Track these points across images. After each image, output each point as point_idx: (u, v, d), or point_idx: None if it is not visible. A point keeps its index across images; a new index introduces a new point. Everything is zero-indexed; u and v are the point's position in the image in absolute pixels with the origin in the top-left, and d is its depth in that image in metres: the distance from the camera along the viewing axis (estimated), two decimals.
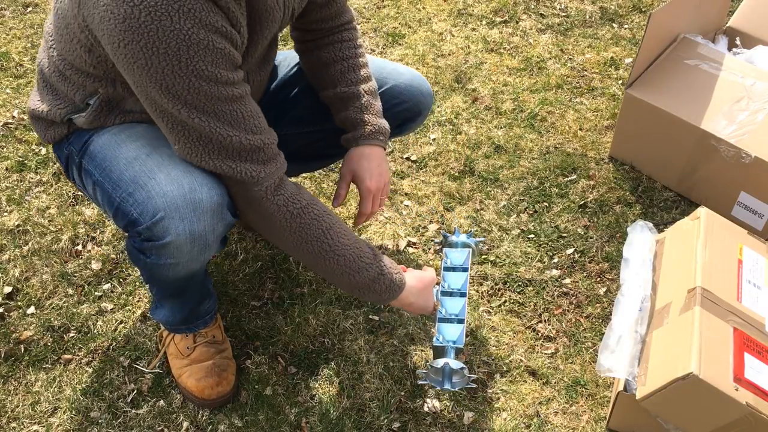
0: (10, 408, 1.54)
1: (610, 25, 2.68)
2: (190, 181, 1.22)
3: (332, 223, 1.35)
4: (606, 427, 1.54)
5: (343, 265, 1.35)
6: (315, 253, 1.34)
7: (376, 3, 2.75)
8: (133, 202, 1.24)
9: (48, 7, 2.63)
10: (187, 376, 1.54)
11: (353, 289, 1.40)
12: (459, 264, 1.59)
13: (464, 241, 1.64)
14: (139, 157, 1.27)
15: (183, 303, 1.49)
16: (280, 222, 1.30)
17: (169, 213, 1.21)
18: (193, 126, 1.18)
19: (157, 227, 1.22)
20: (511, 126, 2.26)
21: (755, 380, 1.33)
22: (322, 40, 1.53)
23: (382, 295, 1.41)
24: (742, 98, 1.94)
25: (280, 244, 1.37)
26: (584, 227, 1.96)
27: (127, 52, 1.11)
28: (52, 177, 2.02)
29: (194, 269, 1.35)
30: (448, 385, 1.47)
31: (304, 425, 1.53)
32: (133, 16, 1.07)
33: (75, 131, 1.37)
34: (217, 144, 1.20)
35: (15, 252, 1.82)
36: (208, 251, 1.31)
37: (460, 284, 1.56)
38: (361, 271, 1.37)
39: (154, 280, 1.41)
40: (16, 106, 2.23)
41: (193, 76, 1.13)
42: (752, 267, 1.57)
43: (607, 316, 1.74)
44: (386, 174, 1.54)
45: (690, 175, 1.99)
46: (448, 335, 1.49)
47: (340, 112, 1.53)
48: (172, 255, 1.27)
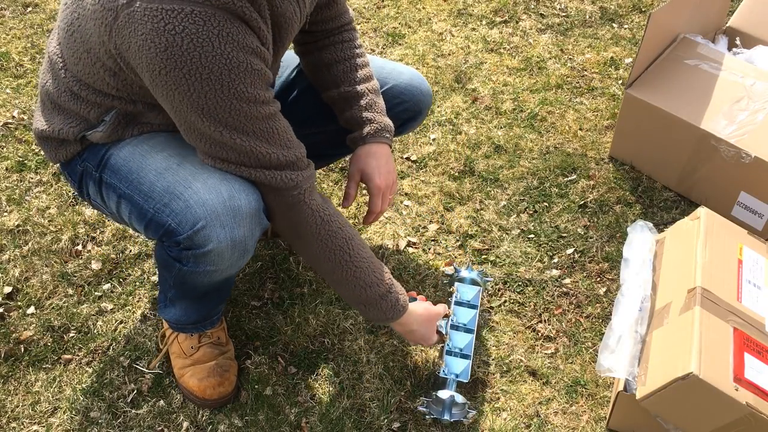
0: (10, 408, 1.54)
1: (610, 25, 2.68)
2: (228, 188, 1.24)
3: (353, 234, 1.39)
4: (606, 427, 1.54)
5: (358, 277, 1.38)
6: (335, 262, 1.36)
7: (376, 3, 2.75)
8: (170, 212, 1.25)
9: (48, 8, 2.63)
10: (189, 376, 1.54)
11: (360, 302, 1.42)
12: (467, 300, 1.66)
13: (473, 278, 1.71)
14: (170, 167, 1.28)
15: (202, 305, 1.49)
16: (311, 227, 1.33)
17: (210, 221, 1.23)
18: (234, 146, 1.21)
19: (198, 236, 1.23)
20: (511, 126, 2.26)
21: (755, 380, 1.33)
22: (322, 41, 1.54)
23: (386, 312, 1.43)
24: (742, 98, 1.94)
25: (304, 251, 1.39)
26: (584, 227, 1.96)
27: (168, 79, 1.12)
28: (52, 177, 2.02)
29: (231, 274, 1.37)
30: (447, 416, 1.50)
31: (304, 425, 1.53)
32: (176, 44, 1.09)
33: (87, 147, 1.36)
34: (256, 160, 1.24)
35: (15, 252, 1.82)
36: (246, 256, 1.32)
37: (468, 320, 1.62)
38: (372, 285, 1.39)
39: (184, 286, 1.40)
40: (16, 106, 2.23)
41: (234, 98, 1.16)
42: (752, 267, 1.57)
43: (607, 316, 1.74)
44: (394, 171, 1.55)
45: (690, 175, 1.99)
46: (453, 368, 1.55)
47: (345, 112, 1.54)
48: (213, 262, 1.28)
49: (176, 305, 1.49)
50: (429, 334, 1.53)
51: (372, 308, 1.42)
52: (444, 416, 1.50)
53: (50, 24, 2.56)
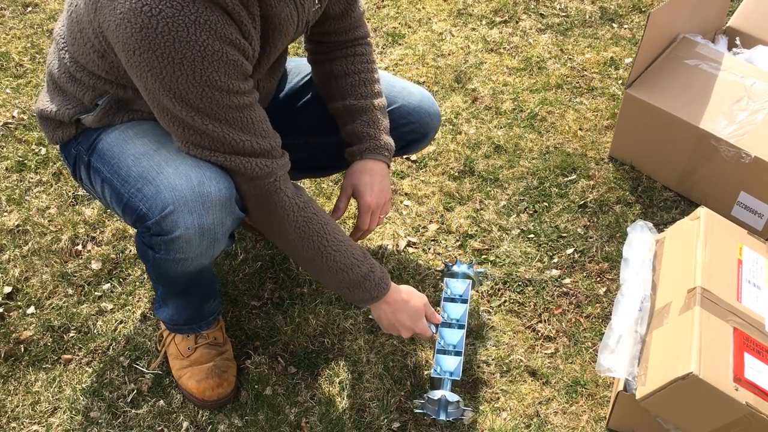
0: (10, 408, 1.54)
1: (609, 25, 2.68)
2: (198, 174, 1.23)
3: (328, 220, 1.37)
4: (606, 427, 1.54)
5: (338, 261, 1.37)
6: (314, 249, 1.35)
7: (376, 3, 2.75)
8: (142, 197, 1.25)
9: (48, 8, 2.63)
10: (188, 377, 1.54)
11: (344, 286, 1.41)
12: (458, 294, 1.61)
13: (465, 272, 1.67)
14: (147, 152, 1.28)
15: (188, 301, 1.49)
16: (288, 215, 1.32)
17: (178, 207, 1.22)
18: (206, 131, 1.21)
19: (166, 221, 1.23)
20: (511, 126, 2.26)
21: (755, 380, 1.33)
22: (335, 52, 1.53)
23: (371, 291, 1.41)
24: (742, 98, 1.94)
25: (281, 242, 1.38)
26: (584, 227, 1.96)
27: (141, 60, 1.13)
28: (52, 177, 2.02)
29: (203, 264, 1.35)
30: (443, 415, 1.49)
31: (304, 425, 1.53)
32: (150, 26, 1.09)
33: (83, 131, 1.37)
34: (229, 146, 1.23)
35: (15, 252, 1.82)
36: (217, 245, 1.31)
37: (459, 315, 1.58)
38: (353, 267, 1.38)
39: (162, 277, 1.41)
40: (16, 106, 2.23)
41: (206, 86, 1.15)
42: (752, 267, 1.57)
43: (607, 316, 1.74)
44: (388, 191, 1.54)
45: (690, 175, 1.99)
46: (445, 366, 1.52)
47: (347, 125, 1.52)
48: (181, 249, 1.27)
49: (168, 304, 1.50)
50: (417, 314, 1.49)
51: (357, 290, 1.41)
52: (440, 416, 1.49)
53: (50, 24, 2.56)
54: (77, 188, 1.98)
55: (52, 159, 2.06)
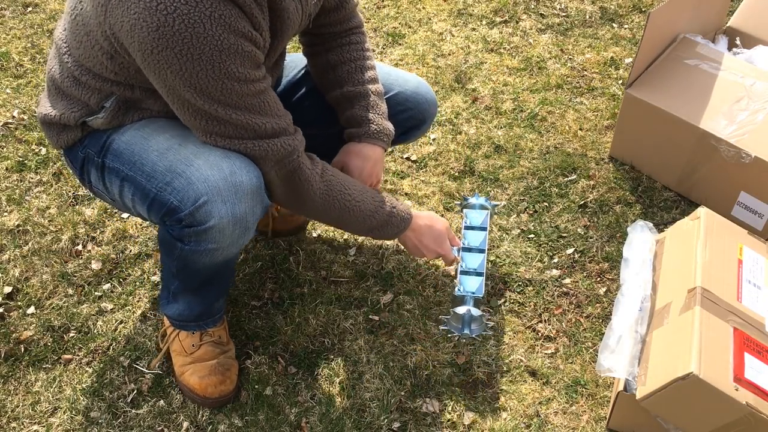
0: (10, 408, 1.54)
1: (610, 25, 2.68)
2: (229, 164, 1.26)
3: (343, 177, 1.44)
4: (606, 427, 1.54)
5: (363, 210, 1.44)
6: (341, 207, 1.42)
7: (376, 3, 2.76)
8: (172, 191, 1.27)
9: (48, 8, 2.63)
10: (190, 374, 1.53)
11: (372, 229, 1.49)
12: (478, 224, 1.75)
13: (482, 204, 1.81)
14: (171, 147, 1.30)
15: (204, 296, 1.50)
16: (312, 185, 1.37)
17: (212, 197, 1.25)
18: (230, 120, 1.24)
19: (200, 212, 1.25)
20: (511, 126, 2.26)
21: (755, 380, 1.33)
22: (330, 43, 1.55)
23: (399, 226, 1.51)
24: (742, 98, 1.94)
25: (309, 210, 1.43)
26: (584, 227, 1.96)
27: (160, 58, 1.15)
28: (52, 177, 2.02)
29: (232, 254, 1.38)
30: (467, 330, 1.60)
31: (304, 425, 1.53)
32: (167, 24, 1.11)
33: (89, 134, 1.37)
34: (252, 131, 1.27)
35: (15, 252, 1.82)
36: (248, 234, 1.34)
37: (479, 242, 1.71)
38: (377, 210, 1.46)
39: (185, 271, 1.41)
40: (16, 106, 2.23)
41: (226, 78, 1.19)
42: (752, 267, 1.57)
43: (607, 316, 1.74)
44: (378, 175, 1.57)
45: (690, 175, 1.99)
46: (468, 287, 1.63)
47: (346, 111, 1.55)
48: (214, 239, 1.29)
49: (179, 300, 1.49)
50: (441, 237, 1.58)
51: (385, 228, 1.49)
52: (464, 331, 1.59)
53: (50, 24, 2.56)
54: (77, 188, 1.98)
55: (52, 159, 2.06)
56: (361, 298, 1.76)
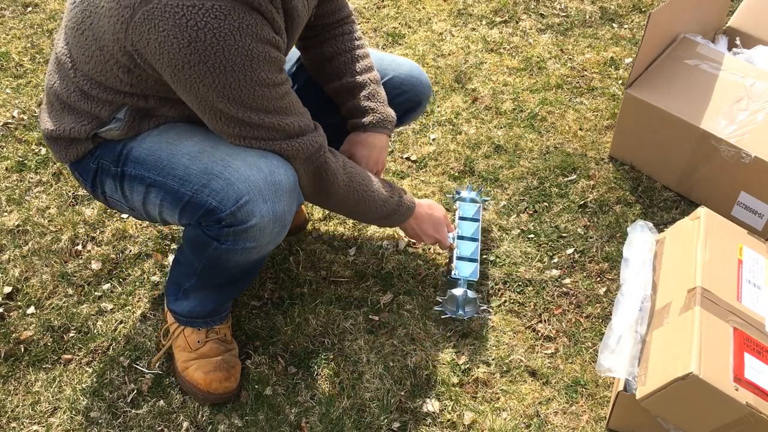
0: (10, 408, 1.54)
1: (610, 25, 2.68)
2: (267, 164, 1.29)
3: (360, 169, 1.49)
4: (606, 427, 1.54)
5: (376, 200, 1.51)
6: (358, 198, 1.48)
7: (376, 3, 2.76)
8: (210, 192, 1.28)
9: (48, 8, 2.63)
10: (194, 369, 1.53)
11: (382, 217, 1.56)
12: (470, 215, 1.86)
13: (473, 198, 1.90)
14: (204, 150, 1.32)
15: (222, 294, 1.51)
16: (337, 178, 1.42)
17: (254, 196, 1.27)
18: (262, 124, 1.28)
19: (242, 211, 1.27)
20: (511, 126, 2.26)
21: (755, 380, 1.33)
22: (323, 35, 1.57)
23: (405, 214, 1.58)
24: (742, 98, 1.94)
25: (330, 202, 1.49)
26: (584, 227, 1.96)
27: (192, 72, 1.17)
28: (52, 177, 2.02)
29: (267, 252, 1.41)
30: (461, 311, 1.67)
31: (304, 425, 1.53)
32: (199, 39, 1.13)
33: (99, 145, 1.37)
34: (283, 132, 1.31)
35: (15, 252, 1.82)
36: (284, 232, 1.37)
37: (472, 231, 1.83)
38: (388, 200, 1.53)
39: (212, 269, 1.42)
40: (16, 106, 2.23)
41: (257, 85, 1.23)
42: (752, 267, 1.57)
43: (607, 316, 1.74)
44: (382, 162, 1.62)
45: (690, 175, 1.99)
46: (463, 271, 1.73)
47: (347, 103, 1.58)
48: (254, 238, 1.31)
49: (191, 297, 1.50)
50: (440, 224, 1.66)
51: (393, 217, 1.57)
52: (458, 312, 1.66)
53: (50, 24, 2.56)
54: (77, 188, 1.98)
55: (52, 159, 2.06)
56: (361, 298, 1.76)
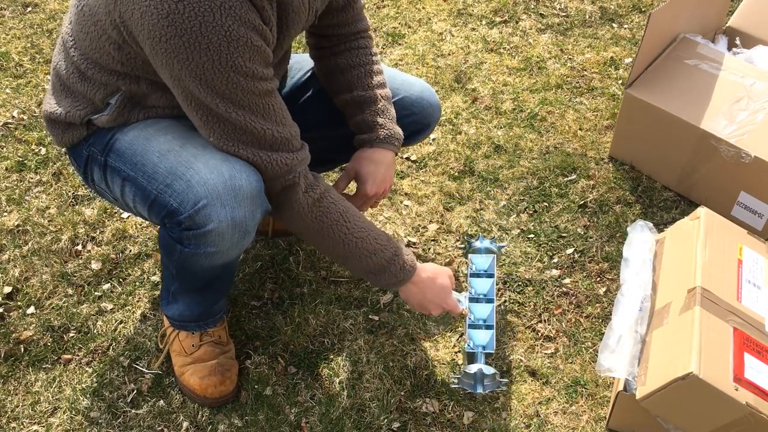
0: (10, 408, 1.54)
1: (609, 25, 2.68)
2: (229, 168, 1.25)
3: (347, 208, 1.40)
4: (606, 427, 1.54)
5: (361, 248, 1.39)
6: (334, 238, 1.38)
7: (376, 3, 2.75)
8: (172, 193, 1.26)
9: (48, 8, 2.63)
10: (190, 374, 1.53)
11: (370, 272, 1.42)
12: (484, 269, 1.65)
13: (488, 247, 1.69)
14: (173, 149, 1.30)
15: (204, 297, 1.50)
16: (304, 210, 1.35)
17: (211, 200, 1.24)
18: (229, 119, 1.22)
19: (199, 215, 1.25)
20: (511, 126, 2.26)
21: (755, 380, 1.33)
22: (338, 46, 1.55)
23: (398, 275, 1.43)
24: (741, 98, 1.94)
25: (304, 234, 1.41)
26: (584, 227, 1.96)
27: (168, 46, 1.14)
28: (52, 177, 2.02)
29: (231, 257, 1.37)
30: (480, 389, 1.51)
31: (304, 425, 1.53)
32: (177, 11, 1.11)
33: (94, 132, 1.37)
34: (251, 136, 1.25)
35: (15, 252, 1.82)
36: (247, 238, 1.33)
37: (487, 290, 1.61)
38: (378, 252, 1.40)
39: (184, 272, 1.41)
40: (15, 106, 2.23)
41: (231, 71, 1.17)
42: (752, 267, 1.57)
43: (606, 316, 1.74)
44: (390, 179, 1.57)
45: (690, 175, 1.99)
46: (477, 340, 1.54)
47: (356, 116, 1.55)
48: (213, 243, 1.29)
49: (179, 300, 1.49)
50: (445, 291, 1.49)
51: (383, 274, 1.42)
52: (477, 390, 1.51)
53: (50, 24, 2.56)
54: (77, 188, 1.98)
55: (52, 159, 2.06)
56: (360, 298, 1.76)
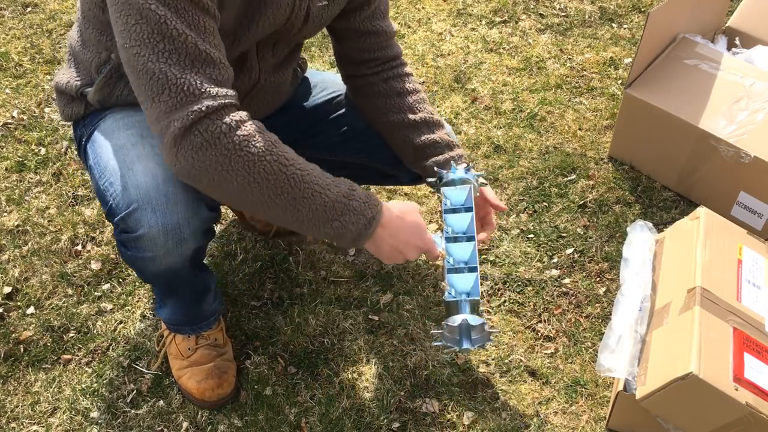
0: (10, 408, 1.54)
1: (609, 25, 2.68)
2: (164, 172, 1.21)
3: (282, 144, 1.14)
4: (606, 427, 1.54)
5: (310, 183, 1.12)
6: (277, 177, 1.10)
7: None
8: (113, 192, 1.24)
9: (48, 8, 2.63)
10: (188, 378, 1.54)
11: (327, 219, 1.14)
12: (461, 204, 1.37)
13: (462, 177, 1.40)
14: (125, 146, 1.27)
15: (181, 300, 1.48)
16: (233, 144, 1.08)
17: (142, 204, 1.20)
18: (148, 15, 1.04)
19: (131, 218, 1.22)
20: (511, 126, 2.26)
21: (755, 380, 1.33)
22: (384, 73, 1.49)
23: (364, 211, 1.16)
24: (741, 98, 1.94)
25: (233, 184, 1.10)
26: (584, 227, 1.96)
27: None
28: (52, 177, 2.01)
29: (173, 263, 1.28)
30: (467, 344, 1.27)
31: (304, 425, 1.53)
32: None
33: (90, 113, 1.37)
34: (169, 41, 1.05)
35: (14, 252, 1.82)
36: (185, 245, 1.25)
37: (465, 226, 1.34)
38: (331, 186, 1.14)
39: (144, 276, 1.40)
40: (15, 106, 2.23)
41: None
42: (752, 267, 1.57)
43: (606, 316, 1.74)
44: None
45: (689, 175, 1.99)
46: (460, 287, 1.29)
47: (423, 135, 1.46)
48: (148, 248, 1.24)
49: (167, 304, 1.49)
50: (420, 228, 1.26)
51: (346, 216, 1.14)
52: (463, 345, 1.26)
53: (50, 24, 2.56)
54: (77, 188, 1.98)
55: (52, 159, 2.06)
56: (360, 298, 1.76)
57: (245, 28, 1.22)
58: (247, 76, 1.36)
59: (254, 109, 1.45)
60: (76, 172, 2.03)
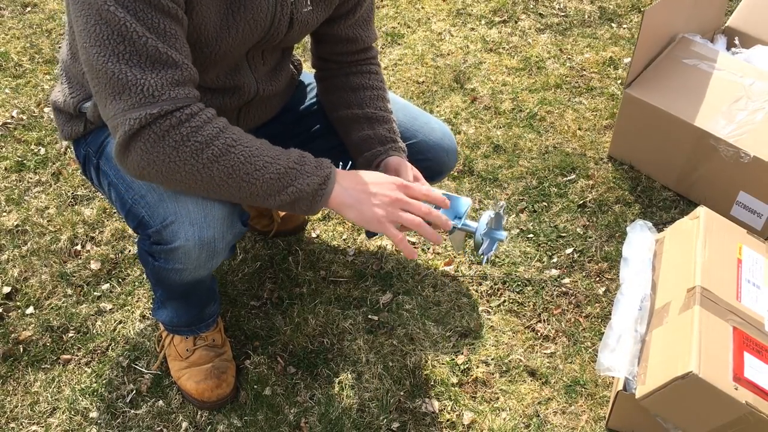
0: (9, 408, 1.54)
1: (608, 25, 2.68)
2: None
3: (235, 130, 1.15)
4: (605, 426, 1.54)
5: (259, 156, 1.13)
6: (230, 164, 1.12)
7: (375, 3, 2.75)
8: (145, 204, 1.25)
9: (47, 8, 2.63)
10: (186, 378, 1.54)
11: (282, 187, 1.15)
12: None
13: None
14: None
15: (188, 305, 1.49)
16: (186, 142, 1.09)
17: (180, 217, 1.21)
18: (108, 17, 1.03)
19: (167, 231, 1.22)
20: (510, 126, 2.26)
21: (755, 379, 1.33)
22: (349, 68, 1.49)
23: (318, 171, 1.16)
24: (740, 98, 1.94)
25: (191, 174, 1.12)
26: (583, 227, 1.96)
27: None
28: (51, 177, 2.01)
29: (201, 276, 1.34)
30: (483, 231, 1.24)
31: (304, 425, 1.53)
32: None
33: (92, 131, 1.37)
34: (129, 43, 1.04)
35: (14, 252, 1.82)
36: (216, 258, 1.29)
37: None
38: (281, 156, 1.15)
39: (161, 283, 1.40)
40: (15, 106, 2.23)
41: None
42: (752, 266, 1.57)
43: (606, 315, 1.74)
44: None
45: (689, 175, 1.99)
46: (461, 209, 1.28)
47: (363, 131, 1.44)
48: (180, 260, 1.26)
49: (167, 306, 1.49)
50: (386, 175, 1.24)
51: (300, 179, 1.14)
52: (481, 231, 1.22)
53: (49, 24, 2.56)
54: (76, 188, 1.98)
55: (51, 159, 2.06)
56: (360, 298, 1.76)
57: (225, 33, 1.20)
58: (245, 88, 1.36)
59: (253, 118, 1.46)
60: (76, 172, 2.03)
